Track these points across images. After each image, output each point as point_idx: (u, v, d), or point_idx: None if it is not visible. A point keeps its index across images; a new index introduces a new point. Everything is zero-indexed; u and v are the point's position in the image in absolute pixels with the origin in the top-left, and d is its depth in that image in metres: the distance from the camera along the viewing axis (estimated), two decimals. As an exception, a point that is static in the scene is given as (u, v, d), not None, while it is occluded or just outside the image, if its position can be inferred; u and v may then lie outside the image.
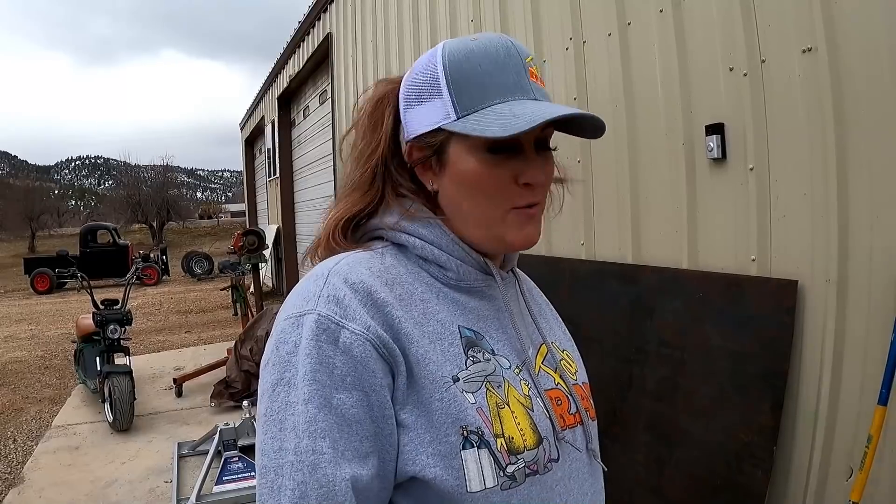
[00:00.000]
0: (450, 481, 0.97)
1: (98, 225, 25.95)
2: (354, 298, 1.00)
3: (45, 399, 8.02)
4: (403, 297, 1.04)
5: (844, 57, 2.37)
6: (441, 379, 0.99)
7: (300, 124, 13.85)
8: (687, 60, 3.06)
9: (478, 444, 0.98)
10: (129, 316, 7.30)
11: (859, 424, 2.36)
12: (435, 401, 0.98)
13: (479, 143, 1.04)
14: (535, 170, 1.06)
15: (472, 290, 1.12)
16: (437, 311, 1.06)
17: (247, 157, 22.97)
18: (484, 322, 1.11)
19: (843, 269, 2.43)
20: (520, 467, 1.00)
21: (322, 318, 0.98)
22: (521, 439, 1.01)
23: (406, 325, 1.01)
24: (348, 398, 0.95)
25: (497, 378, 1.04)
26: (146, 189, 47.79)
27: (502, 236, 1.08)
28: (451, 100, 1.04)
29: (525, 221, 1.08)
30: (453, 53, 1.06)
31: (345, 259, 1.07)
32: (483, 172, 1.05)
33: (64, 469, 5.63)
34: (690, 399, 2.96)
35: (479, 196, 1.06)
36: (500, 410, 1.01)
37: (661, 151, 3.26)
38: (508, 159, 1.05)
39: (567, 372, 1.20)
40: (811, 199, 2.53)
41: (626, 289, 3.45)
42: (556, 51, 4.07)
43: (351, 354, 0.96)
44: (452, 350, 1.03)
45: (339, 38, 9.19)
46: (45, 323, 14.79)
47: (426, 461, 0.97)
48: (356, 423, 0.95)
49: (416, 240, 1.10)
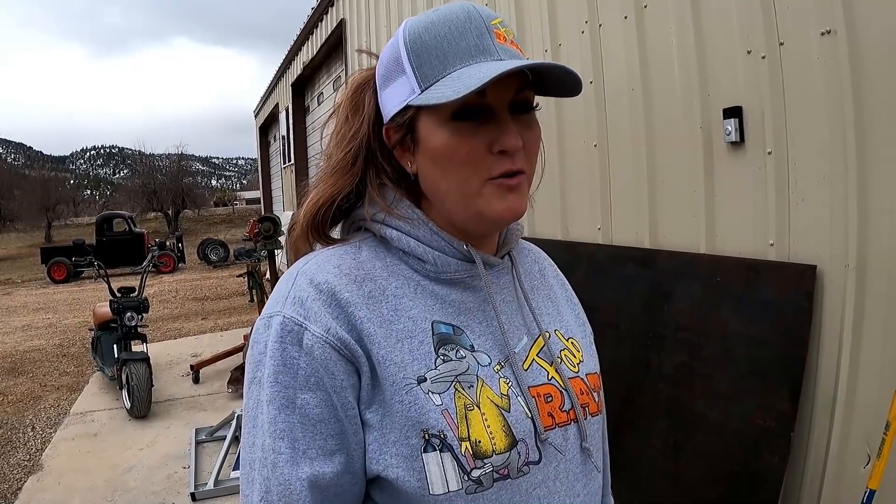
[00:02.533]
0: (412, 483, 0.96)
1: (114, 214, 26.06)
2: (318, 300, 0.99)
3: (64, 387, 8.09)
4: (373, 295, 1.02)
5: (863, 39, 2.34)
6: (403, 380, 0.98)
7: (314, 111, 13.86)
8: (704, 43, 3.03)
9: (440, 447, 0.96)
10: (146, 303, 7.35)
11: (878, 411, 2.33)
12: (396, 402, 0.97)
13: (447, 114, 0.99)
14: (509, 135, 0.98)
15: (453, 281, 1.08)
16: (409, 308, 1.03)
17: (261, 144, 23.02)
18: (465, 315, 1.07)
19: (862, 254, 2.40)
20: (487, 472, 0.97)
21: (287, 321, 0.98)
22: (489, 443, 0.97)
23: (369, 325, 0.99)
24: (312, 398, 0.96)
25: (469, 377, 1.01)
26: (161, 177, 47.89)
27: (482, 211, 1.02)
28: (413, 74, 1.00)
29: (505, 192, 1.01)
30: (414, 27, 1.02)
31: (315, 258, 1.07)
32: (453, 143, 0.99)
33: (82, 456, 5.69)
34: (707, 384, 2.94)
35: (452, 170, 1.01)
36: (469, 412, 0.98)
37: (678, 135, 3.24)
38: (480, 127, 0.99)
39: (567, 363, 1.15)
40: (830, 183, 2.50)
41: (643, 273, 3.43)
42: (571, 35, 4.04)
43: (313, 356, 0.96)
44: (422, 349, 1.00)
45: (352, 23, 9.17)
46: (63, 312, 14.90)
47: (389, 461, 0.97)
48: (320, 422, 0.96)
49: (394, 232, 1.07)
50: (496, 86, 0.95)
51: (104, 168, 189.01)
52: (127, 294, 7.29)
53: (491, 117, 0.99)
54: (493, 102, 0.99)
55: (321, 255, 1.08)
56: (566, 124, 4.07)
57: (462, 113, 0.98)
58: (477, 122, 0.99)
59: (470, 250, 1.08)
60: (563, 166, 4.13)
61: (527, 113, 1.03)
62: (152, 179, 47.79)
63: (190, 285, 18.83)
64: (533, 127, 1.04)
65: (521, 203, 1.03)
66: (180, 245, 25.14)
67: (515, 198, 1.02)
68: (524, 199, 1.03)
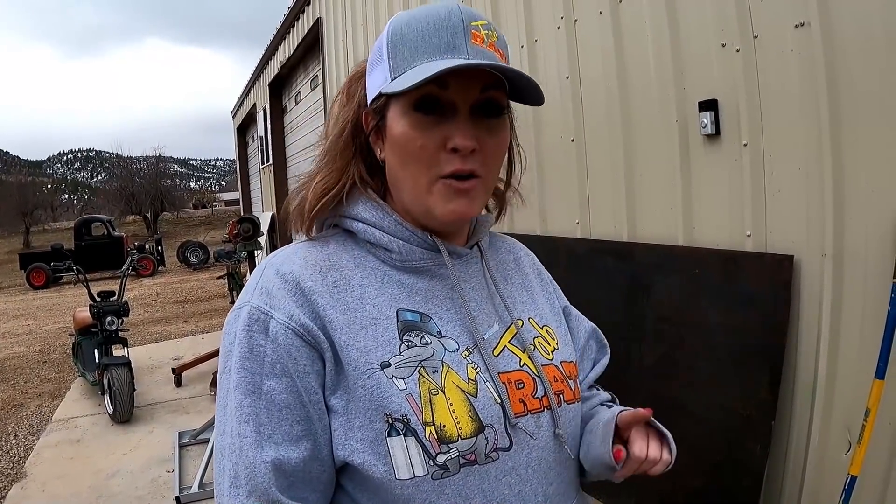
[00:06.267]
0: (379, 467, 0.97)
1: (92, 218, 25.84)
2: (283, 289, 1.01)
3: (45, 393, 8.03)
4: (338, 284, 1.04)
5: (837, 31, 2.36)
6: (365, 365, 0.99)
7: (292, 110, 13.79)
8: (679, 37, 3.05)
9: (403, 431, 0.96)
10: (126, 307, 7.30)
11: (857, 398, 2.36)
12: (359, 388, 0.98)
13: (409, 104, 1.01)
14: (462, 133, 0.99)
15: (420, 270, 1.10)
16: (375, 296, 1.05)
17: (239, 144, 22.87)
18: (433, 303, 1.08)
19: (838, 244, 2.43)
20: (453, 457, 0.97)
21: (254, 310, 1.01)
22: (454, 427, 0.98)
23: (332, 312, 1.01)
24: (278, 384, 0.98)
25: (434, 363, 1.02)
26: (139, 180, 47.59)
27: (431, 209, 1.04)
28: (388, 63, 1.03)
29: (453, 194, 1.02)
30: (399, 20, 1.04)
31: (284, 251, 1.10)
32: (410, 134, 1.01)
33: (66, 462, 5.64)
34: (688, 375, 2.96)
35: (408, 161, 1.03)
36: (433, 397, 0.99)
37: (654, 129, 3.25)
38: (440, 122, 1.00)
39: (541, 350, 1.16)
40: (806, 173, 2.52)
41: (622, 266, 3.45)
42: (547, 30, 4.04)
43: (277, 342, 0.98)
44: (386, 335, 1.02)
45: (329, 22, 9.13)
46: (43, 318, 14.78)
47: (355, 446, 0.98)
48: (286, 407, 0.98)
49: (360, 224, 1.09)
50: (459, 83, 0.98)
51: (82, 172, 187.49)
52: (107, 298, 7.23)
53: (453, 115, 1.00)
54: (456, 100, 1.00)
55: (289, 248, 1.10)
56: (543, 119, 4.08)
57: (422, 104, 1.00)
58: (436, 116, 1.00)
59: (434, 240, 1.09)
60: (541, 161, 4.13)
61: (495, 117, 1.04)
62: (130, 182, 47.48)
63: (170, 288, 18.73)
64: (497, 132, 1.04)
65: (469, 208, 1.03)
66: (160, 248, 25.00)
67: (464, 202, 1.02)
68: (474, 203, 1.04)
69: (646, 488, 3.06)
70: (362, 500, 1.03)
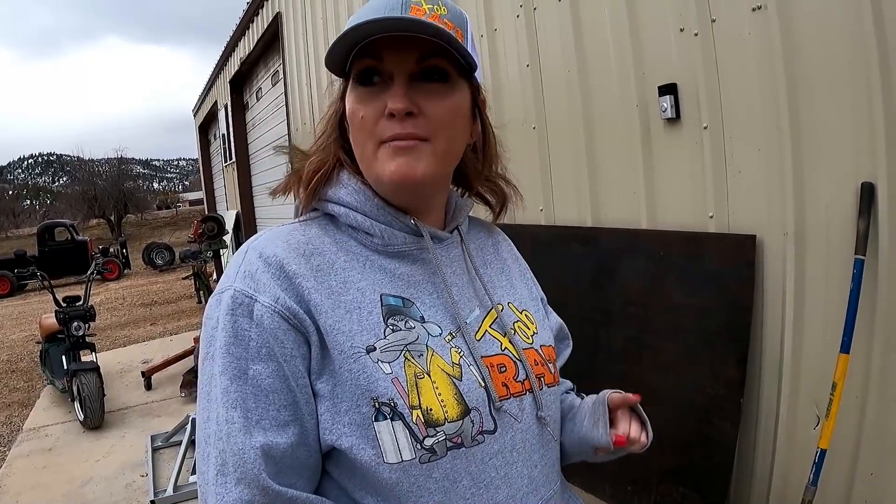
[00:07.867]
0: (367, 451, 0.97)
1: (55, 223, 25.44)
2: (267, 272, 1.00)
3: (15, 403, 7.90)
4: (321, 268, 1.03)
5: (794, 13, 2.39)
6: (351, 349, 0.98)
7: (254, 107, 13.68)
8: (638, 22, 3.07)
9: (390, 415, 0.96)
10: (93, 311, 7.20)
11: (823, 373, 2.40)
12: (345, 371, 0.98)
13: (354, 81, 1.03)
14: (394, 97, 0.99)
15: (402, 254, 1.10)
16: (358, 280, 1.04)
17: (202, 143, 22.65)
18: (415, 288, 1.08)
19: (800, 222, 2.46)
20: (440, 440, 0.98)
21: (237, 293, 0.99)
22: (440, 411, 0.98)
23: (317, 296, 1.00)
24: (264, 369, 0.96)
25: (419, 347, 1.02)
26: (101, 183, 46.91)
27: (379, 175, 1.03)
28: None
29: (393, 153, 1.01)
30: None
31: (265, 234, 1.08)
32: (355, 107, 1.03)
33: (39, 472, 5.57)
34: (657, 357, 2.99)
35: (356, 133, 1.05)
36: (419, 381, 0.99)
37: (615, 114, 3.27)
38: (381, 92, 1.01)
39: (521, 335, 1.17)
40: (766, 154, 2.55)
41: (587, 252, 3.47)
42: (507, 19, 4.05)
43: (263, 326, 0.97)
44: (371, 319, 1.01)
45: (288, 17, 9.07)
46: (9, 327, 14.53)
47: (342, 430, 0.98)
48: (272, 392, 0.97)
49: (341, 208, 1.09)
50: (393, 53, 0.99)
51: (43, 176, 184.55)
52: (72, 303, 7.13)
53: (391, 84, 1.01)
54: (393, 69, 1.01)
55: (270, 231, 1.09)
56: (504, 107, 4.08)
57: (361, 77, 1.03)
58: (376, 87, 1.02)
59: (417, 224, 1.10)
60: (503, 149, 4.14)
61: (437, 82, 1.03)
62: (93, 186, 46.79)
63: (137, 291, 18.51)
64: (441, 96, 1.03)
65: (413, 167, 1.01)
66: (125, 251, 24.68)
67: (406, 161, 1.01)
68: (419, 163, 1.02)
69: (619, 468, 3.09)
70: (349, 486, 1.03)
